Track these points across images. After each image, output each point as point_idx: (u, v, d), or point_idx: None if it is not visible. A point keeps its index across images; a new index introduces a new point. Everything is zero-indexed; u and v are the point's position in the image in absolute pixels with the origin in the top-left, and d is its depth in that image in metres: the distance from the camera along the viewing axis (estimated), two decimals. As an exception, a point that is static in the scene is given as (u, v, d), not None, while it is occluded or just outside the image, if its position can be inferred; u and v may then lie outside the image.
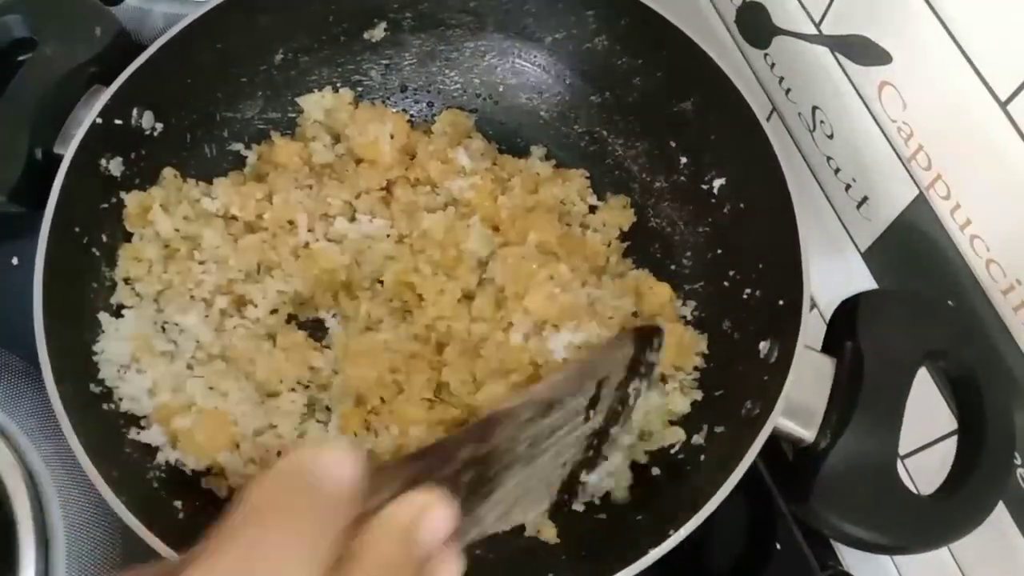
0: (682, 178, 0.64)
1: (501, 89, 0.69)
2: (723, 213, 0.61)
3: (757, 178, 0.56)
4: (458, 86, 0.69)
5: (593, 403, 0.33)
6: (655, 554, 0.45)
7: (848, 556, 0.64)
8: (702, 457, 0.53)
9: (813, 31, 0.56)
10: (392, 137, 0.63)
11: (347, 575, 0.25)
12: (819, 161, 0.61)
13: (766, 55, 0.62)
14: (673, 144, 0.64)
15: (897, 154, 0.53)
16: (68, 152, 0.54)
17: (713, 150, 0.61)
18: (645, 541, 0.46)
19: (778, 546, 0.60)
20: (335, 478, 0.26)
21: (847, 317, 0.51)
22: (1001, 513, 0.51)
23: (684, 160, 0.63)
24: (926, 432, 0.55)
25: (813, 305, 0.62)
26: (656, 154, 0.65)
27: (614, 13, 0.63)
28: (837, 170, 0.59)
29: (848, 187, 0.59)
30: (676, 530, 0.46)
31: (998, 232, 0.48)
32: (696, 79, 0.60)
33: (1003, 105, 0.44)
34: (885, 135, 0.54)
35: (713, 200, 0.61)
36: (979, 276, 0.50)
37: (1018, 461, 0.49)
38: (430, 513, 0.27)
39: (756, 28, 0.62)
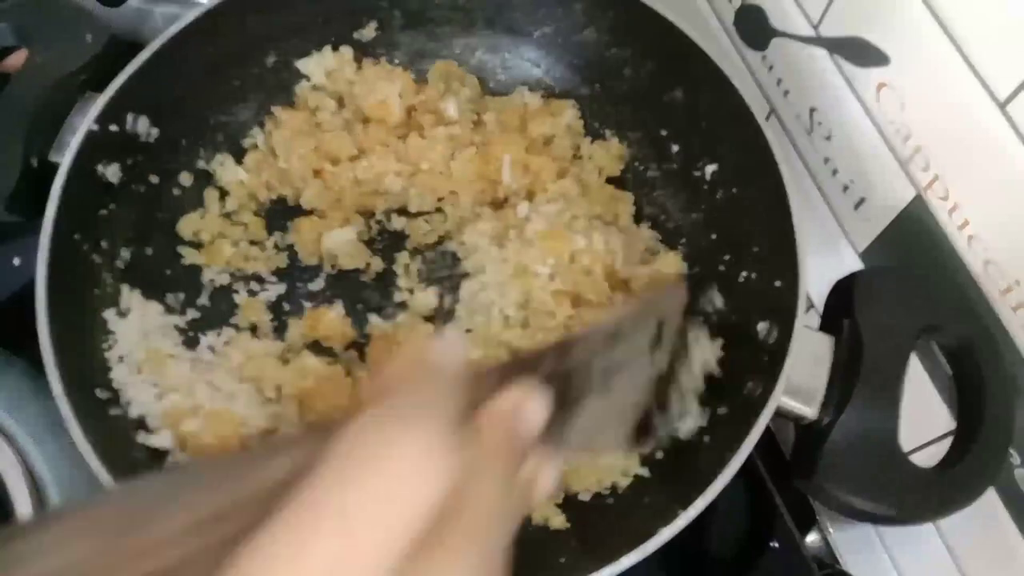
0: (674, 165, 0.65)
1: (491, 85, 0.69)
2: (716, 198, 0.61)
3: (749, 162, 0.57)
4: (449, 83, 0.70)
5: (655, 344, 0.35)
6: (665, 534, 0.46)
7: (847, 556, 0.65)
8: (706, 439, 0.53)
9: (811, 33, 0.57)
10: (400, 96, 0.64)
11: (464, 457, 0.26)
12: (817, 162, 0.61)
13: (764, 57, 0.62)
14: (664, 132, 0.65)
15: (895, 155, 0.54)
16: (64, 160, 0.54)
17: (704, 137, 0.62)
18: (654, 523, 0.47)
19: (775, 544, 0.60)
20: (450, 357, 0.29)
21: (843, 295, 0.52)
22: (1000, 513, 0.52)
23: (675, 148, 0.64)
24: (927, 431, 0.56)
25: (810, 305, 0.63)
26: (648, 143, 0.66)
27: (601, 5, 0.64)
28: (835, 171, 0.60)
29: (846, 188, 0.59)
30: (684, 510, 0.46)
31: (996, 233, 0.48)
32: (685, 67, 0.60)
33: (1002, 106, 0.45)
34: (883, 136, 0.54)
35: (706, 186, 0.62)
36: (977, 276, 0.50)
37: (1017, 461, 0.50)
38: (528, 402, 0.29)
39: (754, 30, 0.62)
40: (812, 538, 0.66)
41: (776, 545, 0.60)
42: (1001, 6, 0.43)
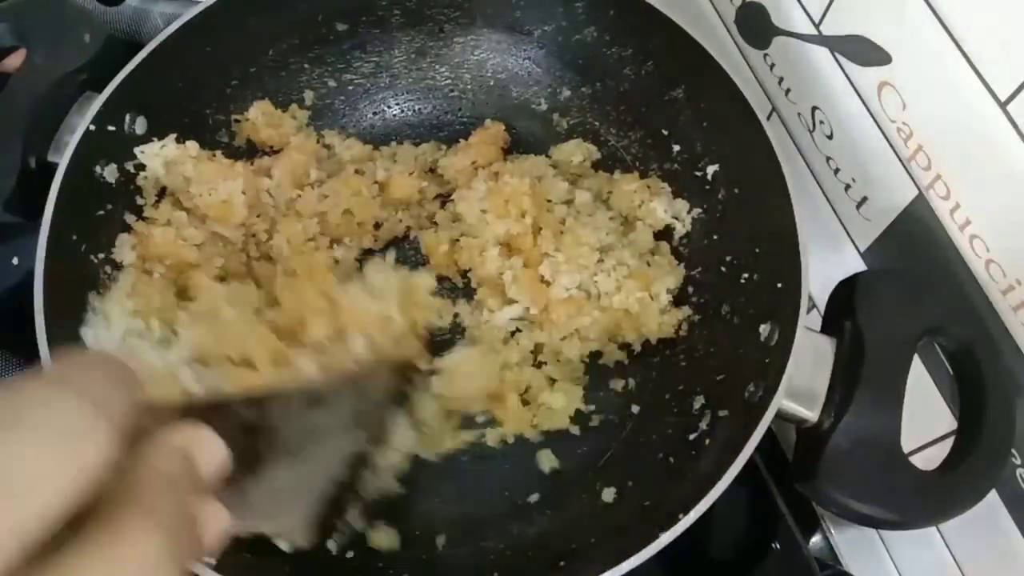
0: (676, 166, 0.64)
1: (492, 84, 0.69)
2: (718, 199, 0.61)
3: (751, 162, 0.56)
4: (448, 82, 0.70)
5: (358, 419, 0.34)
6: (666, 538, 0.46)
7: (849, 557, 0.65)
8: (707, 441, 0.53)
9: (812, 31, 0.57)
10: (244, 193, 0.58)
11: (129, 482, 0.23)
12: (819, 161, 0.61)
13: (766, 55, 0.62)
14: (665, 132, 0.64)
15: (896, 154, 0.53)
16: (63, 160, 0.54)
17: (706, 136, 0.62)
18: (654, 526, 0.47)
19: (777, 546, 0.60)
20: (124, 366, 0.25)
21: (845, 297, 0.52)
22: (1001, 513, 0.51)
23: (677, 148, 0.64)
24: (929, 431, 0.56)
25: (812, 305, 0.62)
26: (649, 143, 0.66)
27: (602, 4, 0.63)
28: (837, 170, 0.59)
29: (848, 187, 0.59)
30: (685, 513, 0.46)
31: (998, 232, 0.48)
32: (686, 67, 0.60)
33: (1003, 105, 0.45)
34: (884, 135, 0.54)
35: (708, 187, 0.62)
36: (979, 276, 0.50)
37: (1018, 461, 0.49)
38: (206, 443, 0.27)
39: (756, 28, 0.62)
40: (814, 539, 0.65)
41: (778, 546, 0.60)
42: (1002, 6, 0.43)
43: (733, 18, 0.64)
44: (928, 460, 0.51)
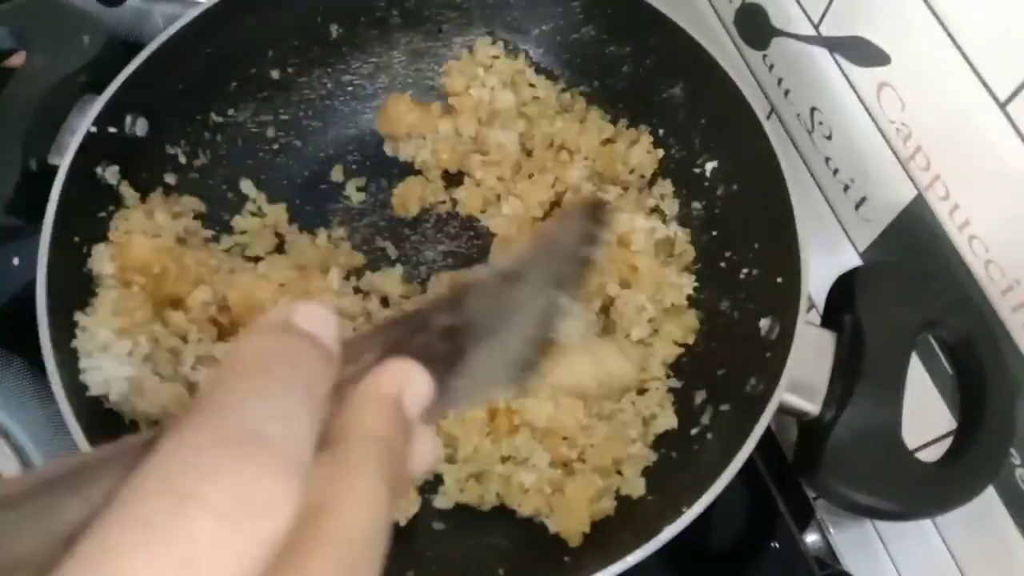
0: (674, 163, 0.65)
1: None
2: (717, 195, 0.61)
3: (749, 158, 0.57)
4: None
5: (557, 274, 0.33)
6: (669, 532, 0.46)
7: (848, 556, 0.65)
8: (709, 436, 0.53)
9: (812, 32, 0.57)
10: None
11: (338, 452, 0.22)
12: (818, 162, 0.61)
13: (765, 56, 0.62)
14: (664, 130, 0.65)
15: (896, 155, 0.54)
16: (64, 162, 0.54)
17: (704, 133, 0.62)
18: (658, 521, 0.47)
19: (776, 545, 0.60)
20: (317, 331, 0.23)
21: (844, 291, 0.52)
22: (1000, 513, 0.51)
23: (675, 144, 0.64)
24: (928, 431, 0.56)
25: (811, 305, 0.63)
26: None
27: (600, 2, 0.64)
28: (836, 171, 0.60)
29: (847, 188, 0.59)
30: (689, 507, 0.46)
31: (997, 232, 0.48)
32: (684, 64, 0.60)
33: (1002, 106, 0.45)
34: (884, 136, 0.54)
35: (706, 183, 0.62)
36: (978, 276, 0.50)
37: (1017, 461, 0.49)
38: (412, 381, 0.25)
39: (755, 29, 0.62)
40: (812, 538, 0.65)
41: (776, 545, 0.60)
42: (1001, 6, 0.43)
43: (732, 19, 0.64)
44: (928, 458, 0.51)
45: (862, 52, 0.53)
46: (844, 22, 0.54)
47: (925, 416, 0.50)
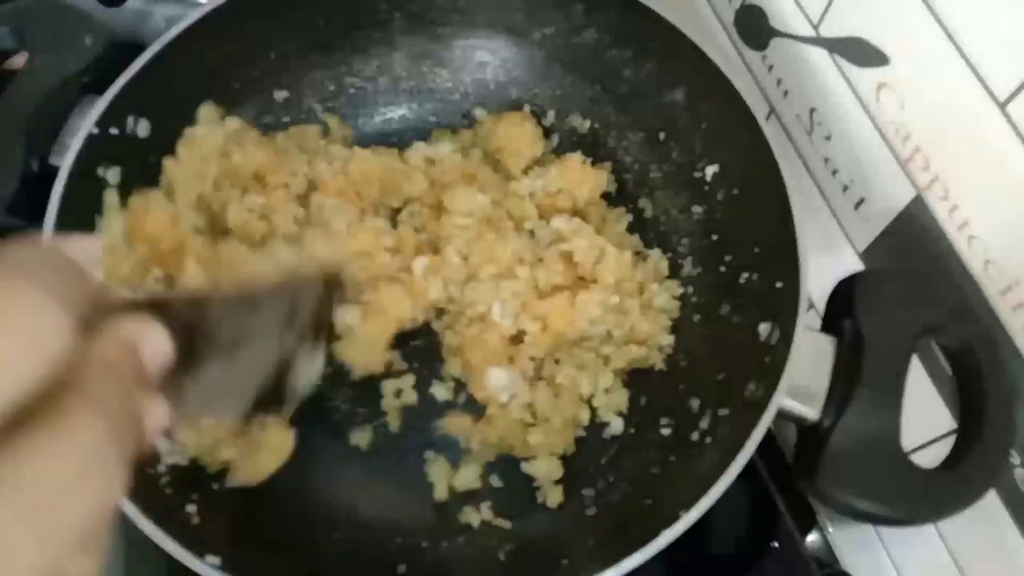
0: (674, 167, 0.65)
1: (492, 87, 0.69)
2: (717, 200, 0.61)
3: (749, 163, 0.57)
4: (449, 84, 0.70)
5: (289, 321, 0.36)
6: (667, 535, 0.46)
7: (848, 556, 0.65)
8: (708, 440, 0.53)
9: (811, 33, 0.57)
10: None
11: (76, 371, 0.24)
12: (817, 162, 0.61)
13: (764, 57, 0.62)
14: (664, 134, 0.65)
15: (895, 155, 0.54)
16: (65, 163, 0.54)
17: (704, 138, 0.62)
18: (656, 524, 0.47)
19: (776, 545, 0.60)
20: (85, 255, 0.26)
21: (844, 296, 0.52)
22: (1001, 513, 0.51)
23: (676, 149, 0.64)
24: (928, 431, 0.56)
25: (811, 305, 0.63)
26: (648, 144, 0.66)
27: (601, 6, 0.63)
28: (835, 171, 0.60)
29: (846, 188, 0.59)
30: (687, 511, 0.46)
31: (996, 233, 0.48)
32: (685, 68, 0.60)
33: (1001, 106, 0.45)
34: (883, 136, 0.54)
35: (706, 187, 0.62)
36: (977, 277, 0.50)
37: (1017, 461, 0.49)
38: (152, 335, 0.27)
39: (754, 30, 0.62)
40: (812, 538, 0.65)
41: (776, 545, 0.60)
42: (1001, 6, 0.43)
43: (732, 20, 0.64)
44: (926, 461, 0.51)
45: (861, 52, 0.53)
46: (843, 22, 0.54)
47: (924, 415, 0.50)
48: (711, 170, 0.61)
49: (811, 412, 0.49)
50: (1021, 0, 0.42)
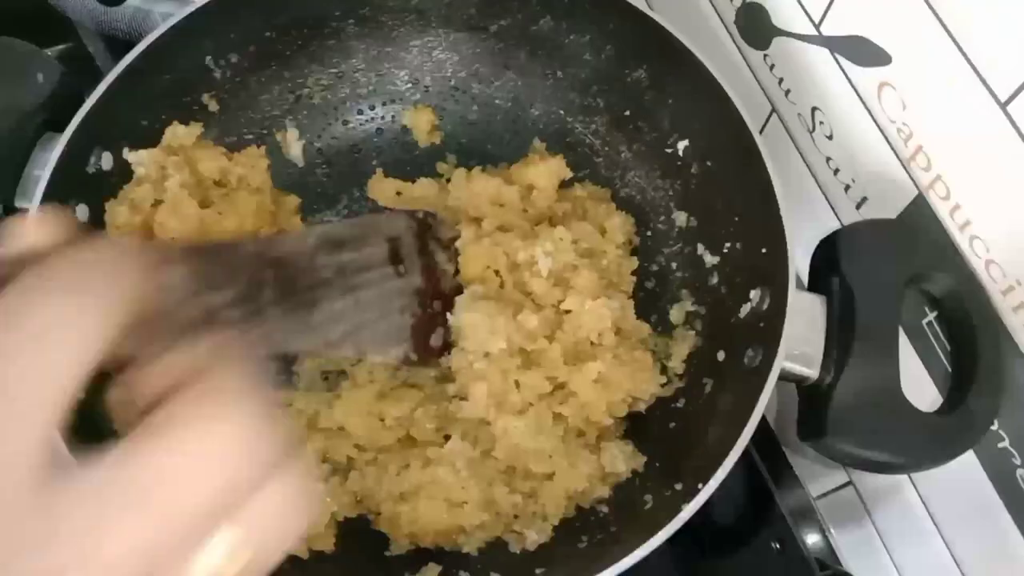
0: (644, 146, 0.65)
1: (453, 83, 0.69)
2: (691, 173, 0.62)
3: (720, 133, 0.57)
4: (409, 86, 0.69)
5: (395, 259, 0.37)
6: (689, 509, 0.46)
7: (848, 556, 0.65)
8: (715, 411, 0.54)
9: (813, 32, 0.56)
10: None
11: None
12: (818, 161, 0.61)
13: (765, 56, 0.62)
14: (630, 113, 0.65)
15: (896, 155, 0.54)
16: (32, 205, 0.52)
17: (672, 113, 0.62)
18: (677, 498, 0.48)
19: (776, 546, 0.60)
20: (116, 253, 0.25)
21: (828, 254, 0.53)
22: (1001, 514, 0.52)
23: (644, 127, 0.64)
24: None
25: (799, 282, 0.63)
26: (616, 125, 0.66)
27: (555, -10, 0.63)
28: (836, 170, 0.60)
29: (847, 187, 0.59)
30: (705, 483, 0.47)
31: (998, 233, 0.48)
32: (646, 46, 0.61)
33: (1003, 106, 0.45)
34: (884, 136, 0.54)
35: (679, 162, 0.62)
36: (979, 276, 0.50)
37: (1017, 461, 0.50)
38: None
39: (755, 29, 0.61)
40: (812, 538, 0.65)
41: (777, 546, 0.60)
42: (1002, 6, 0.43)
43: (733, 19, 0.64)
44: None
45: (863, 52, 0.53)
46: (845, 22, 0.53)
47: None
48: (682, 144, 0.62)
49: (811, 371, 0.50)
50: (1021, 0, 0.42)
